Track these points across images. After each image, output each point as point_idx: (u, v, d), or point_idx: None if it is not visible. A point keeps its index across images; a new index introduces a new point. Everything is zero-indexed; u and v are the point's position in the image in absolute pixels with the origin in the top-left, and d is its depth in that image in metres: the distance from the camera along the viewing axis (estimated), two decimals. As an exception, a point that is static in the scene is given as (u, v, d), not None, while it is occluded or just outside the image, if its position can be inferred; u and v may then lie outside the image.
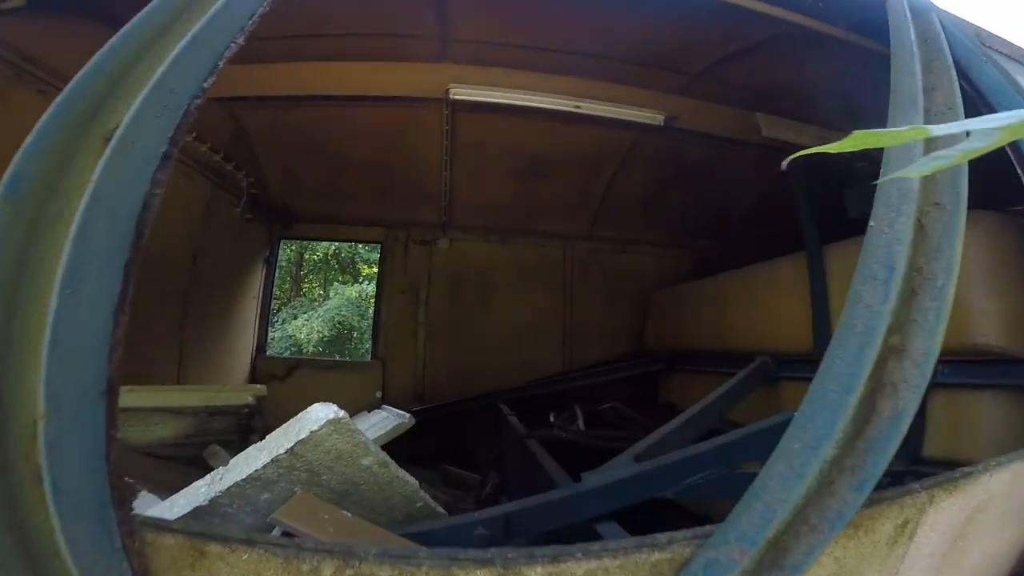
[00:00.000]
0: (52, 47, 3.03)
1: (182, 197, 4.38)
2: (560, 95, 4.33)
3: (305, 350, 12.32)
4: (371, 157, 5.44)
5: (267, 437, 1.77)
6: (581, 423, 4.14)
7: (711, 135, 4.83)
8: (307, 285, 15.19)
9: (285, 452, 1.65)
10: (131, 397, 2.77)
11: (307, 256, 14.52)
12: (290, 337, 12.67)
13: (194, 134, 4.25)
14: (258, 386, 3.47)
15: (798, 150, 0.82)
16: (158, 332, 4.18)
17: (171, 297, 4.32)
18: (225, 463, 2.93)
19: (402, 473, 2.01)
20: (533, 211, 6.15)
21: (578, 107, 4.36)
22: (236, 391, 3.23)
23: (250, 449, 1.77)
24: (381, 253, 6.23)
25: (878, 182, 1.52)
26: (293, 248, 13.55)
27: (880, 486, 1.24)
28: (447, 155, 5.27)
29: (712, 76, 4.24)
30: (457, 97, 4.34)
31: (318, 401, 5.40)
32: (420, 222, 6.15)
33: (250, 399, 3.19)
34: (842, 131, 0.69)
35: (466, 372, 5.88)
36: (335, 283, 14.45)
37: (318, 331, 12.30)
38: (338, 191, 5.88)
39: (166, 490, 2.37)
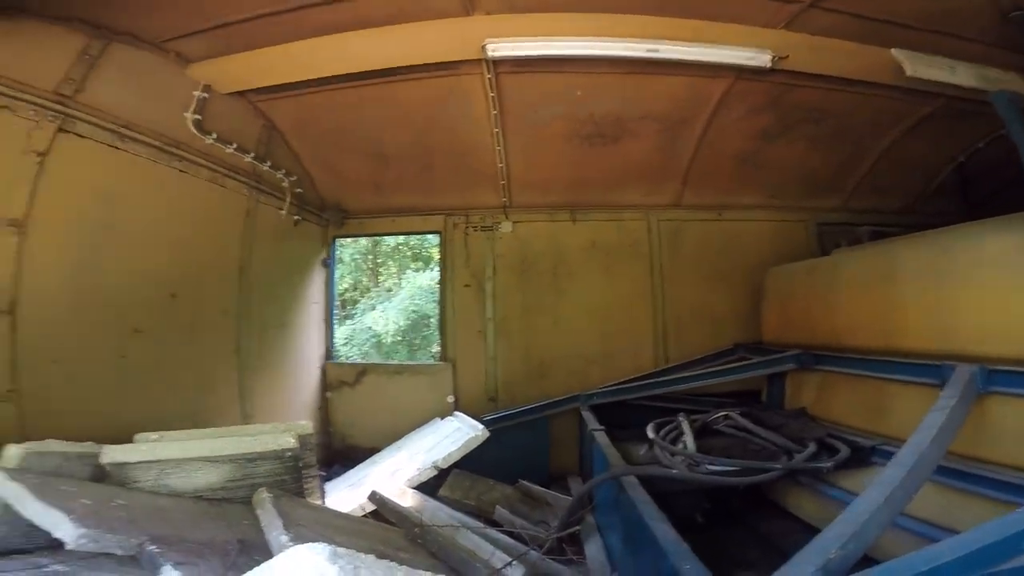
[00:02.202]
0: (7, 57, 2.72)
1: (217, 207, 4.03)
2: (629, 39, 3.50)
3: (384, 341, 12.35)
4: (414, 138, 4.82)
5: None
6: (690, 441, 3.33)
7: (828, 76, 3.91)
8: (384, 273, 15.25)
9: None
10: (160, 448, 2.62)
11: (380, 246, 14.51)
12: (369, 329, 12.75)
13: (215, 135, 3.83)
14: (303, 423, 3.07)
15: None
16: (211, 359, 3.93)
17: (220, 318, 4.03)
18: (268, 513, 2.63)
19: None
20: (606, 181, 5.29)
21: (654, 51, 3.52)
22: (275, 434, 2.84)
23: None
24: (440, 244, 5.66)
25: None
26: (366, 239, 13.56)
27: None
28: (497, 126, 4.52)
29: (831, 3, 3.28)
30: (496, 55, 3.59)
31: (391, 406, 4.98)
32: (478, 206, 5.51)
33: (290, 441, 2.78)
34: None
35: (541, 371, 5.27)
36: (408, 271, 14.35)
37: (394, 321, 12.25)
38: (387, 180, 5.35)
39: (201, 546, 2.11)
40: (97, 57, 3.11)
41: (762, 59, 3.59)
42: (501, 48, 3.54)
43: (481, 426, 4.29)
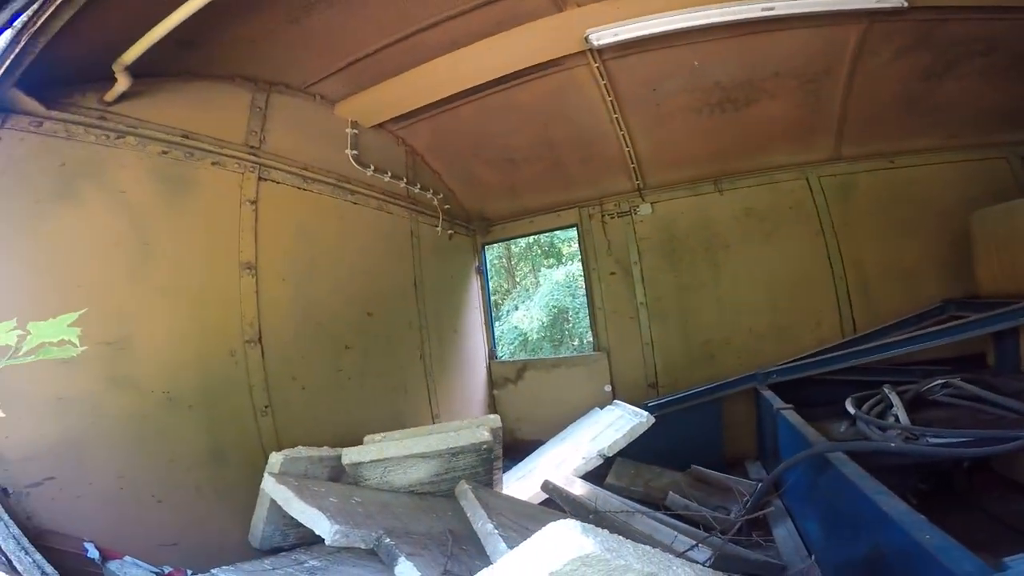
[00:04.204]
0: (201, 117, 3.18)
1: (387, 231, 4.55)
2: (736, 2, 3.36)
3: (530, 337, 12.79)
4: (538, 138, 4.97)
5: (498, 563, 1.35)
6: (902, 414, 2.96)
7: (982, 7, 3.41)
8: (519, 272, 15.77)
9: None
10: (386, 448, 2.96)
11: (512, 248, 15.03)
12: (516, 328, 13.29)
13: (372, 167, 4.30)
14: (491, 417, 3.35)
15: None
16: (404, 366, 4.45)
17: (406, 330, 4.55)
18: (471, 503, 2.88)
19: (675, 573, 1.41)
20: (749, 145, 4.93)
21: (769, 9, 3.35)
22: (473, 429, 3.14)
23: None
24: (578, 236, 5.74)
25: None
26: (500, 244, 14.14)
27: None
28: (616, 112, 4.50)
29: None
30: (600, 43, 3.59)
31: (551, 399, 5.11)
32: (612, 192, 5.49)
33: (486, 435, 3.05)
34: None
35: (706, 352, 5.05)
36: (542, 268, 14.71)
37: (537, 318, 12.66)
38: (519, 182, 5.58)
39: (423, 537, 2.40)
40: (264, 109, 3.59)
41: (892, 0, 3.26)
42: (604, 36, 3.54)
43: (645, 413, 4.23)
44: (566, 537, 1.23)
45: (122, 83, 2.71)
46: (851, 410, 3.18)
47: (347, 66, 3.85)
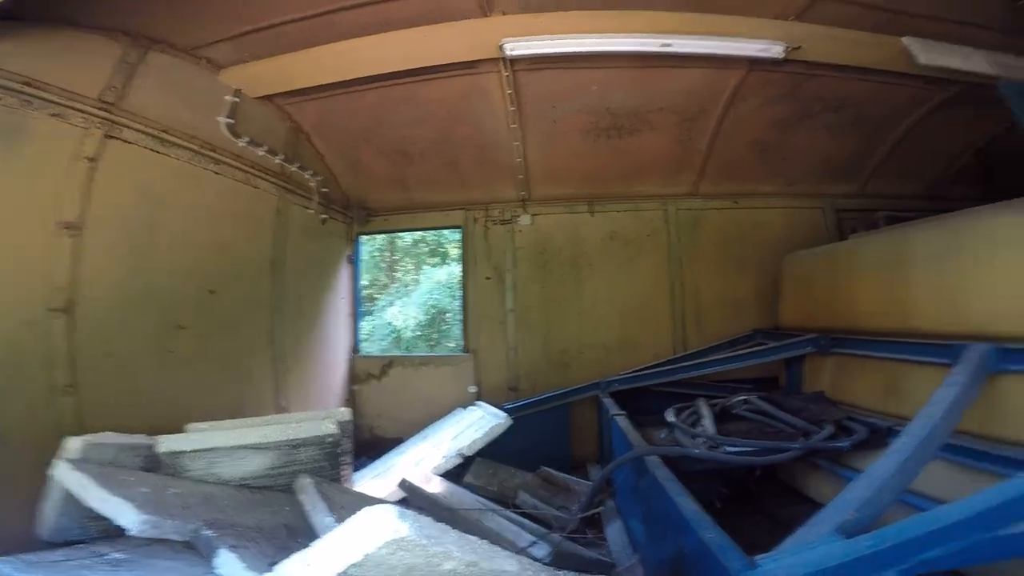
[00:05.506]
0: (55, 67, 2.86)
1: (249, 207, 4.20)
2: (642, 34, 3.61)
3: (404, 335, 12.55)
4: (436, 136, 4.95)
5: (314, 545, 1.34)
6: (709, 424, 3.42)
7: (843, 66, 4.00)
8: (401, 269, 15.44)
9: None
10: (211, 437, 2.73)
11: (397, 243, 14.69)
12: (389, 324, 12.96)
13: (247, 138, 3.99)
14: (341, 410, 3.22)
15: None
16: (248, 352, 4.11)
17: (255, 314, 4.21)
18: (312, 497, 2.77)
19: (498, 563, 1.51)
20: (624, 172, 5.37)
21: (667, 46, 3.64)
22: (317, 420, 2.99)
23: (295, 559, 1.35)
24: (462, 238, 5.80)
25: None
26: (383, 237, 13.69)
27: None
28: (515, 122, 4.64)
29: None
30: (514, 53, 3.71)
31: (415, 397, 5.10)
32: (498, 200, 5.64)
33: (332, 428, 2.92)
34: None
35: (563, 361, 5.38)
36: (425, 267, 14.55)
37: (413, 317, 12.47)
38: (410, 177, 5.49)
39: (251, 530, 2.24)
40: (136, 65, 3.26)
41: (774, 50, 3.68)
42: (518, 47, 3.65)
43: (504, 414, 4.40)
44: (382, 520, 1.25)
45: None
46: (670, 419, 3.59)
47: (244, 34, 3.57)
